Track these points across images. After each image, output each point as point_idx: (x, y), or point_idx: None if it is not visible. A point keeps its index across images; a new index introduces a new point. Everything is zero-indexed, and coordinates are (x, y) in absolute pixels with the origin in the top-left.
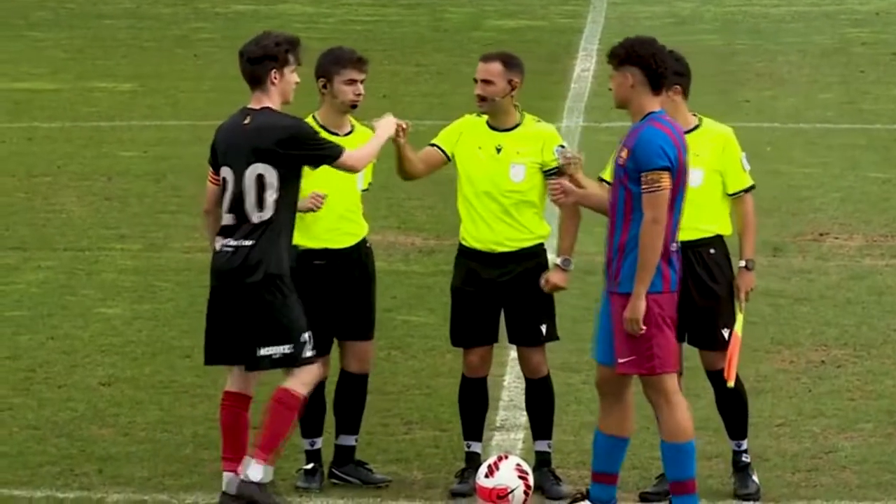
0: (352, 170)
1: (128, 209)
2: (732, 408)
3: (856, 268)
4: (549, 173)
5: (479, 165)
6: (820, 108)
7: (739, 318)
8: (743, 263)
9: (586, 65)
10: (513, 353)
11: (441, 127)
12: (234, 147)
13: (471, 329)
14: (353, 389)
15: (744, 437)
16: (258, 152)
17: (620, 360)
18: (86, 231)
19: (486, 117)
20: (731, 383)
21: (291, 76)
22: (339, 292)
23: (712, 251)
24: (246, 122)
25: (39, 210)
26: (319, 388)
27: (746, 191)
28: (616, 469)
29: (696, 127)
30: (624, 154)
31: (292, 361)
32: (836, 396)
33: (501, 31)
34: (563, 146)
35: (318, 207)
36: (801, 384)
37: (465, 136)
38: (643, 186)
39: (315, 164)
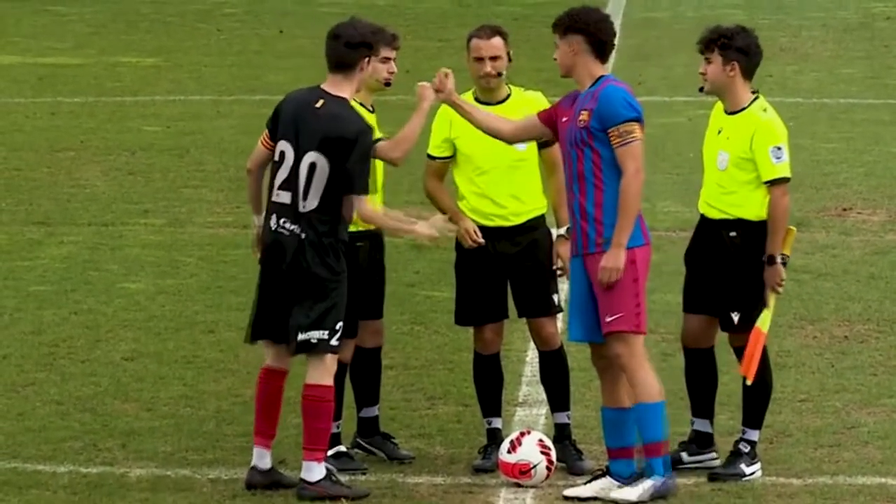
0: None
1: (151, 184)
2: (750, 395)
3: (879, 243)
4: (544, 140)
5: (480, 143)
6: (844, 83)
7: (765, 314)
8: (765, 258)
9: None
10: None
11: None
12: (299, 125)
13: (483, 306)
14: (370, 363)
15: (752, 426)
16: (321, 141)
17: (608, 319)
18: (109, 206)
19: (468, 96)
20: (749, 381)
21: (372, 66)
22: (367, 273)
23: (732, 234)
24: (318, 105)
25: (63, 185)
26: (340, 374)
27: (772, 182)
28: (630, 442)
29: (741, 110)
30: (585, 116)
31: (323, 348)
32: (859, 372)
33: (525, 6)
34: None
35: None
36: (824, 359)
37: (455, 120)
38: (616, 140)
39: (346, 178)
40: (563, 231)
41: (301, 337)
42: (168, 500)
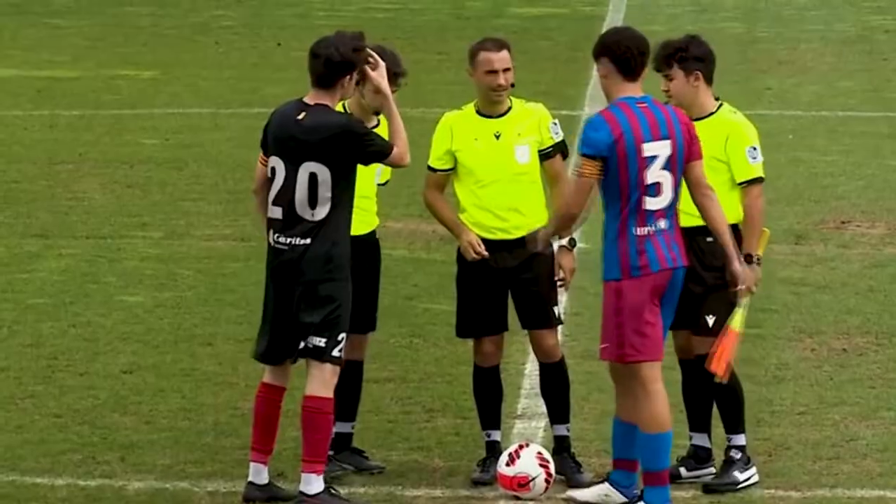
0: (401, 164)
1: (149, 197)
2: (721, 401)
3: (878, 256)
4: (545, 153)
5: (480, 156)
6: (842, 95)
7: (737, 313)
8: (741, 258)
9: None
10: None
11: None
12: (285, 140)
13: (483, 319)
14: (350, 378)
15: (734, 431)
16: (311, 151)
17: (600, 346)
18: (107, 219)
19: (469, 108)
20: (719, 379)
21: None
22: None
23: (709, 239)
24: (300, 117)
25: (61, 198)
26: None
27: (749, 183)
28: (635, 455)
29: (709, 115)
30: None
31: (319, 354)
32: (857, 384)
33: (524, 19)
34: (555, 123)
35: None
36: (822, 372)
37: (456, 132)
38: None
39: (367, 160)
40: (564, 242)
41: (301, 344)
42: None
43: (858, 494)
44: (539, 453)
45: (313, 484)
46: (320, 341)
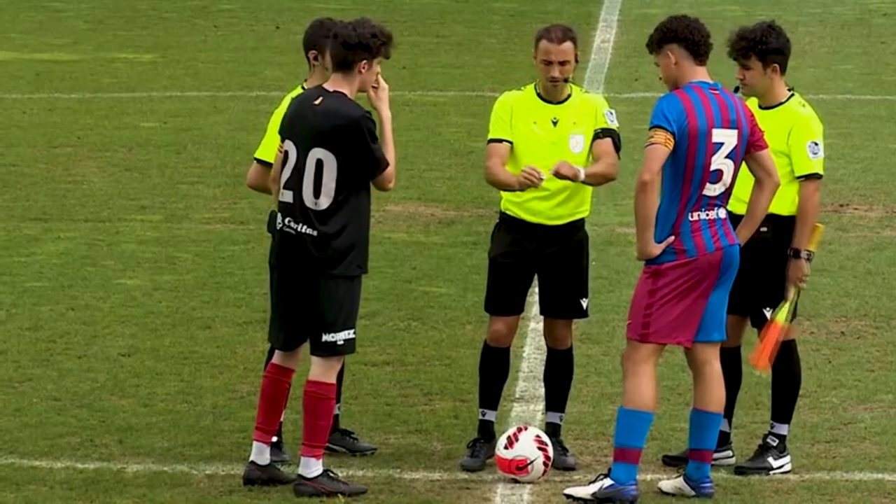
0: (386, 186)
1: (148, 180)
2: (779, 389)
3: (876, 239)
4: (594, 134)
5: (537, 140)
6: (841, 79)
7: (783, 307)
8: (790, 252)
9: (606, 35)
10: (533, 324)
11: (463, 98)
12: (299, 123)
13: (504, 298)
14: None
15: (781, 420)
16: (320, 136)
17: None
18: (106, 202)
19: (529, 90)
20: (760, 371)
21: (376, 68)
22: None
23: (763, 229)
24: (317, 101)
25: (60, 181)
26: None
27: (805, 178)
28: (708, 446)
29: (779, 105)
30: None
31: (330, 348)
32: (855, 367)
33: (521, 2)
34: (611, 112)
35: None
36: (820, 355)
37: (516, 112)
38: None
39: (362, 164)
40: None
41: (326, 338)
42: (165, 495)
43: (857, 477)
44: (537, 436)
45: (312, 467)
46: (348, 334)
